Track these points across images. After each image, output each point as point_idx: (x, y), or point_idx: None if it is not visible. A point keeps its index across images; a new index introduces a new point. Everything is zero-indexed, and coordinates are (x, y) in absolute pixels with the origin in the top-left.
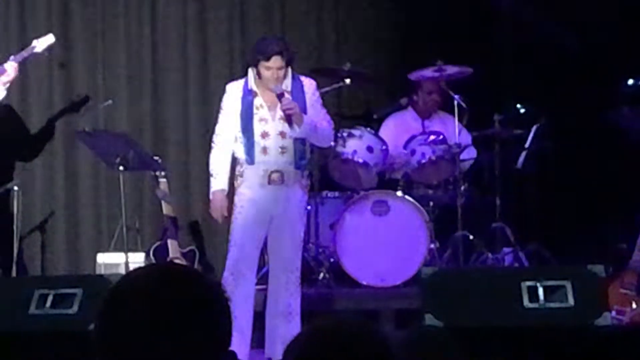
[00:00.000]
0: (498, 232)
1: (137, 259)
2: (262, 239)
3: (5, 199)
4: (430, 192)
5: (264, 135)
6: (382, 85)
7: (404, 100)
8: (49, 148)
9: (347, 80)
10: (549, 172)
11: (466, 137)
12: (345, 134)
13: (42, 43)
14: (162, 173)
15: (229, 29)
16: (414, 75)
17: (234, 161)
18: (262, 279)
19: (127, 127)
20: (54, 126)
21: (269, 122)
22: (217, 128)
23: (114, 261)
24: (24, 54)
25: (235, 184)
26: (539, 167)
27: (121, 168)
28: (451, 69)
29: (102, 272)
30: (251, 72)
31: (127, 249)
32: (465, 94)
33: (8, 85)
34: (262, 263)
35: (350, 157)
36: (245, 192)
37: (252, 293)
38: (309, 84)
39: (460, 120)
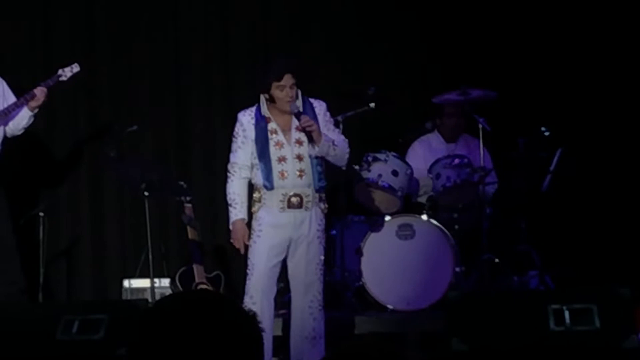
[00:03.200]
0: (524, 255)
1: (162, 284)
2: (280, 262)
3: (31, 225)
4: (456, 215)
5: (281, 159)
6: (407, 109)
7: (429, 125)
8: (74, 174)
9: (372, 104)
10: (574, 195)
11: (489, 161)
12: (370, 158)
13: (68, 72)
14: (187, 198)
15: (252, 54)
16: (438, 99)
17: (251, 187)
18: (283, 303)
19: (152, 153)
20: (79, 152)
21: (285, 147)
22: (232, 157)
23: (140, 286)
24: (50, 82)
25: (253, 210)
26: (564, 189)
27: (146, 193)
28: (475, 92)
29: (128, 297)
30: (262, 98)
31: (152, 274)
32: (489, 117)
33: (36, 110)
34: (287, 289)
35: (375, 180)
36: (264, 217)
37: (272, 317)
38: (319, 105)
39: (484, 143)
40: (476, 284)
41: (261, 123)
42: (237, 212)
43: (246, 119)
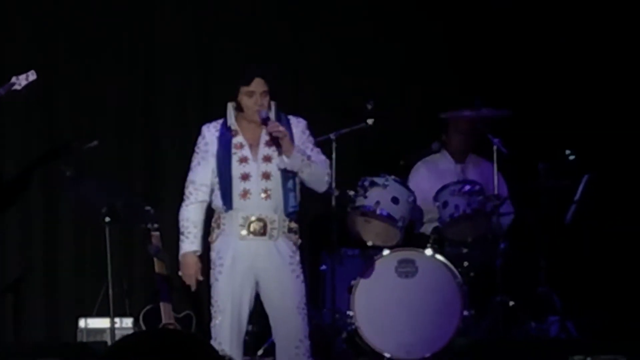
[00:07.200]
0: (543, 298)
1: (124, 325)
2: (251, 299)
3: None
4: (465, 250)
5: (244, 177)
6: (411, 127)
7: (435, 145)
8: (25, 197)
9: (370, 121)
10: (602, 229)
11: (504, 188)
12: (367, 183)
13: (23, 80)
14: (155, 226)
15: (236, 63)
16: (447, 114)
17: (211, 213)
18: (268, 350)
19: (115, 172)
20: (31, 172)
21: (250, 162)
22: (190, 176)
23: (98, 327)
24: (2, 91)
25: (210, 239)
26: (591, 222)
27: (107, 219)
28: (488, 110)
29: (85, 339)
30: (230, 107)
31: (113, 312)
32: (505, 138)
33: None
34: (268, 333)
35: (372, 209)
36: (223, 247)
37: None
38: (297, 122)
39: (499, 168)
40: (488, 331)
41: (226, 135)
42: (190, 243)
43: (210, 132)
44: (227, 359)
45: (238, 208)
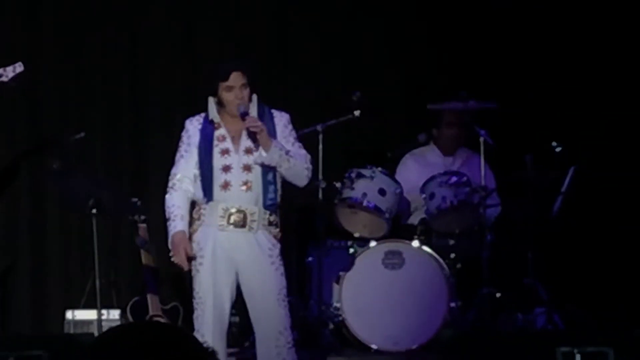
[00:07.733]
0: (529, 290)
1: (111, 317)
2: (232, 291)
3: None
4: (452, 242)
5: (226, 168)
6: (398, 119)
7: (422, 137)
8: (10, 188)
9: (357, 112)
10: (589, 221)
11: (491, 180)
12: (354, 174)
13: (10, 72)
14: (142, 217)
15: (223, 58)
16: (435, 106)
17: (193, 205)
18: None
19: (102, 165)
20: (18, 164)
21: (232, 154)
22: (174, 169)
23: (85, 318)
24: None
25: (191, 230)
26: (578, 215)
27: (94, 211)
28: (476, 102)
29: (72, 331)
30: (212, 101)
31: (100, 304)
32: (492, 130)
33: None
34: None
35: (359, 200)
36: (203, 238)
37: (225, 353)
38: (280, 115)
39: (486, 160)
40: (474, 322)
41: (208, 128)
42: (176, 224)
43: (193, 125)
44: (210, 351)
45: (218, 199)
